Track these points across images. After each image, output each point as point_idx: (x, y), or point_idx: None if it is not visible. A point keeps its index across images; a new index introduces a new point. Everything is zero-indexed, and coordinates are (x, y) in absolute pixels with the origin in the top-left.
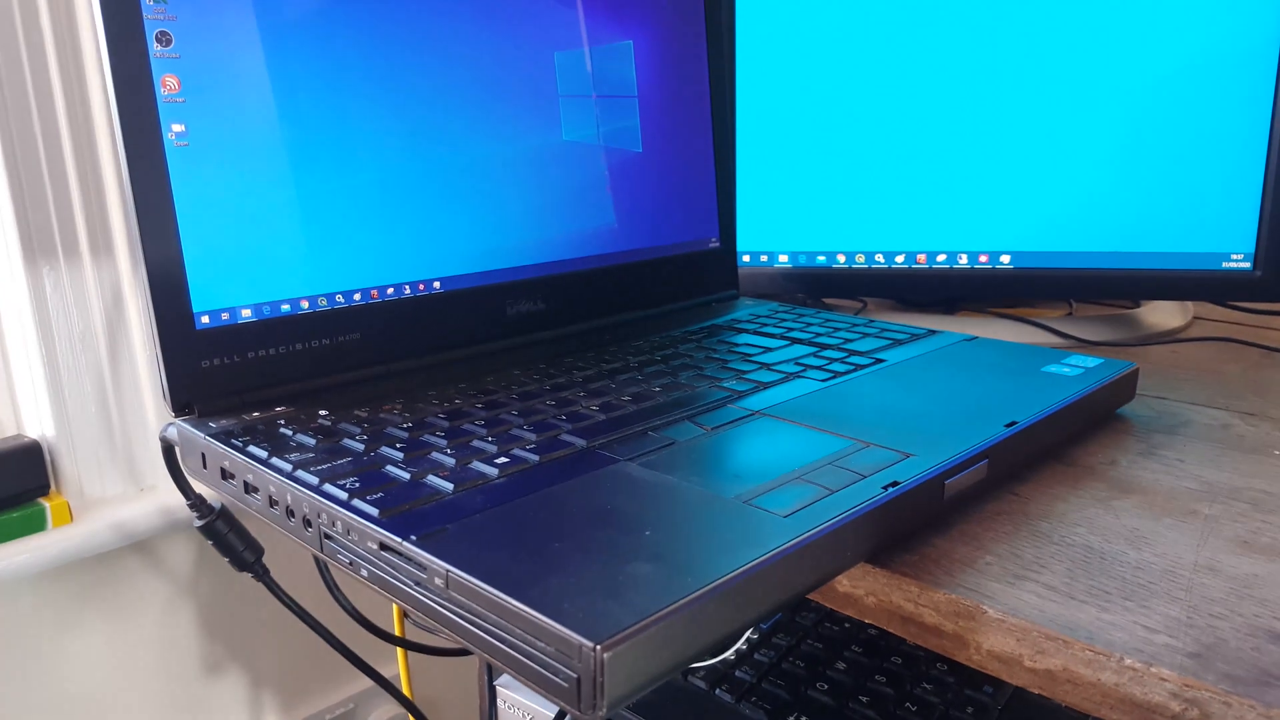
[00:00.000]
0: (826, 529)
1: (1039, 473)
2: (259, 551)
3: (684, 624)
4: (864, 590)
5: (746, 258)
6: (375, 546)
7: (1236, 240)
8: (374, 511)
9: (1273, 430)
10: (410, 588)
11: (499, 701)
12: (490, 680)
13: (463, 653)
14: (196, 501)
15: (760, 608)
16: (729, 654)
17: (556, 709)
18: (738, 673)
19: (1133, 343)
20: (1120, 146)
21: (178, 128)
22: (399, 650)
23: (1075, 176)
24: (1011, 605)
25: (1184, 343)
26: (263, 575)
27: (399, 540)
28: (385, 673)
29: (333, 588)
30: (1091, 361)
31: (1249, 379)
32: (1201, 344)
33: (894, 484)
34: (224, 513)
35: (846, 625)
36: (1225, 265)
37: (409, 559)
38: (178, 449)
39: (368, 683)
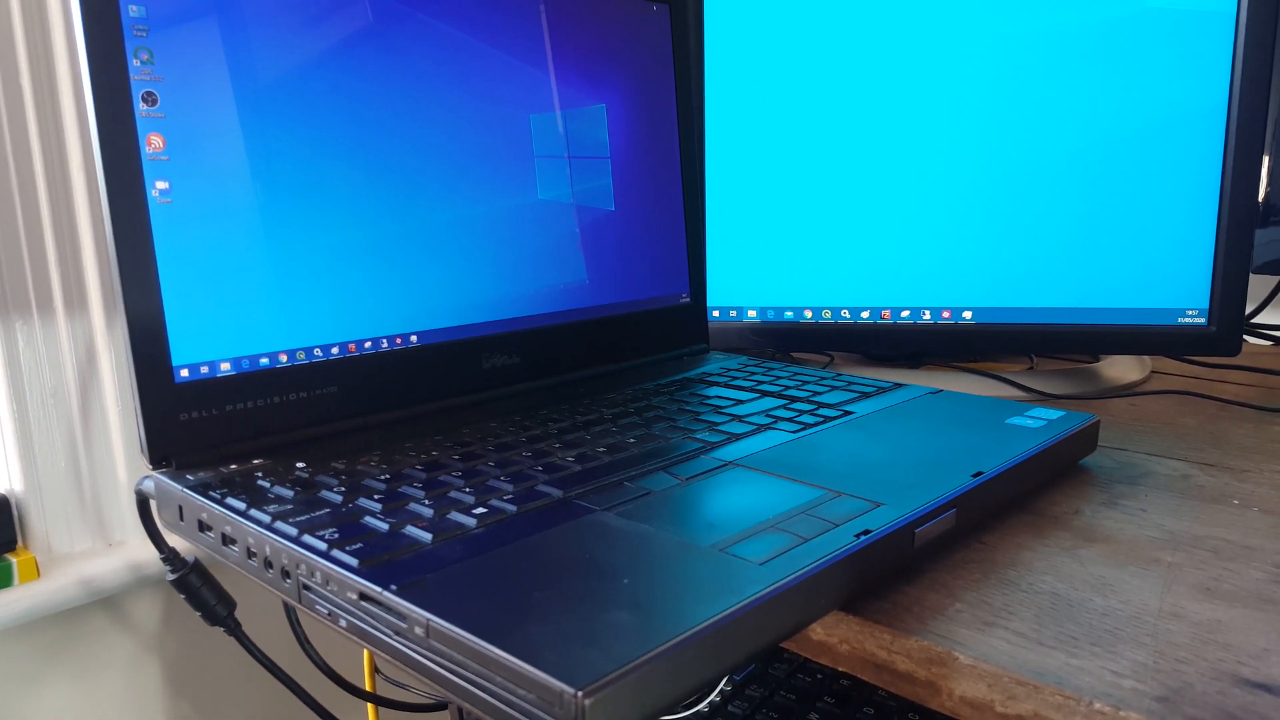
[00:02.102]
0: (801, 576)
1: (1005, 522)
2: (231, 605)
3: (663, 670)
4: (837, 638)
5: (716, 313)
6: (355, 597)
7: (1191, 296)
8: (354, 562)
9: (1231, 480)
10: (390, 638)
11: None
12: None
13: (434, 708)
14: (170, 555)
15: (738, 654)
16: (703, 706)
17: None
18: None
19: (1093, 396)
20: (1078, 206)
21: (161, 185)
22: (369, 707)
23: (1035, 235)
24: (982, 651)
25: (1143, 395)
26: (234, 630)
27: (379, 590)
28: None
29: (303, 641)
30: (1053, 414)
31: (1206, 431)
32: (1160, 397)
33: (866, 532)
34: (197, 566)
35: (819, 676)
36: (1181, 320)
37: (389, 609)
38: (153, 502)
39: None
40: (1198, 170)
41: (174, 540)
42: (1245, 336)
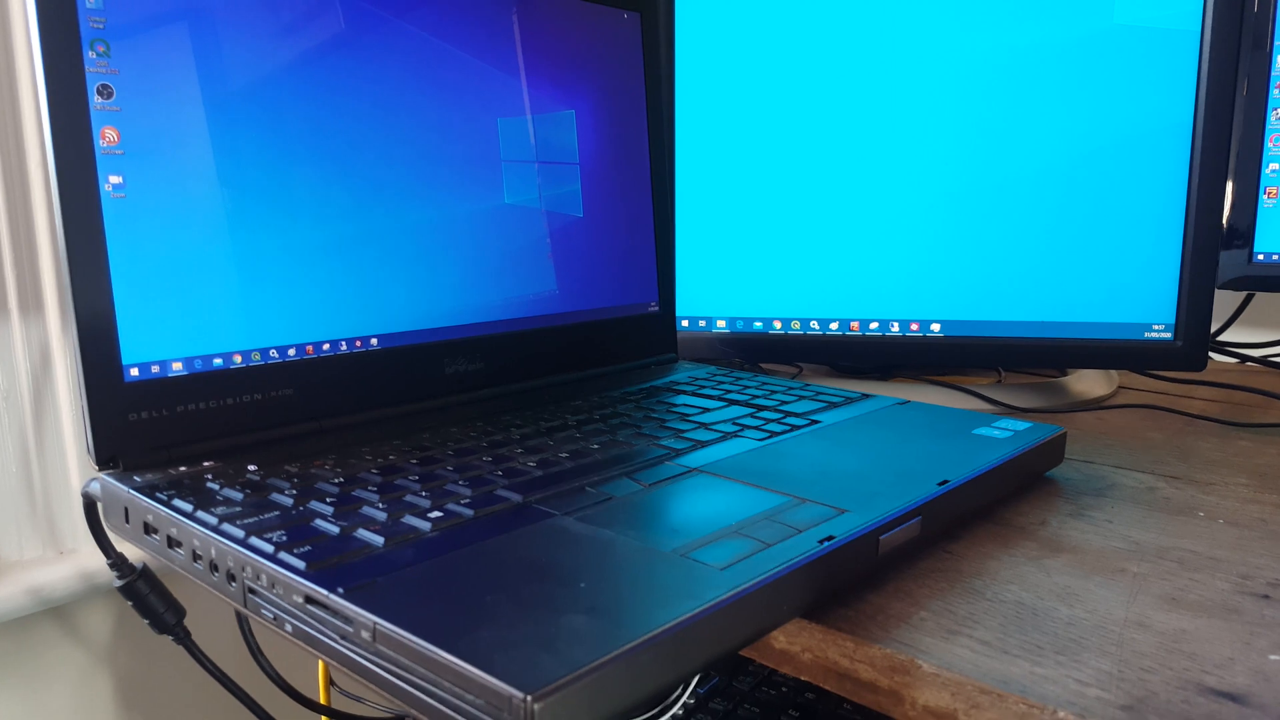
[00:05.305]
0: (763, 581)
1: (971, 531)
2: (180, 613)
3: (618, 675)
4: (800, 646)
5: (685, 322)
6: (301, 600)
7: (1157, 311)
8: (301, 564)
9: (1197, 493)
10: (336, 643)
11: None
12: None
13: None
14: (117, 560)
15: (696, 660)
16: (666, 719)
17: None
18: None
19: (1060, 409)
20: (1046, 221)
21: (115, 179)
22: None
23: (1004, 249)
24: (946, 660)
25: (1110, 410)
26: (184, 639)
27: (325, 593)
28: None
29: (256, 653)
30: (1020, 425)
31: (1172, 445)
32: (1126, 411)
33: (829, 538)
34: (145, 573)
35: (784, 689)
36: (1147, 335)
37: (335, 612)
38: (100, 505)
39: None
40: (1164, 187)
41: (121, 545)
42: (1211, 353)
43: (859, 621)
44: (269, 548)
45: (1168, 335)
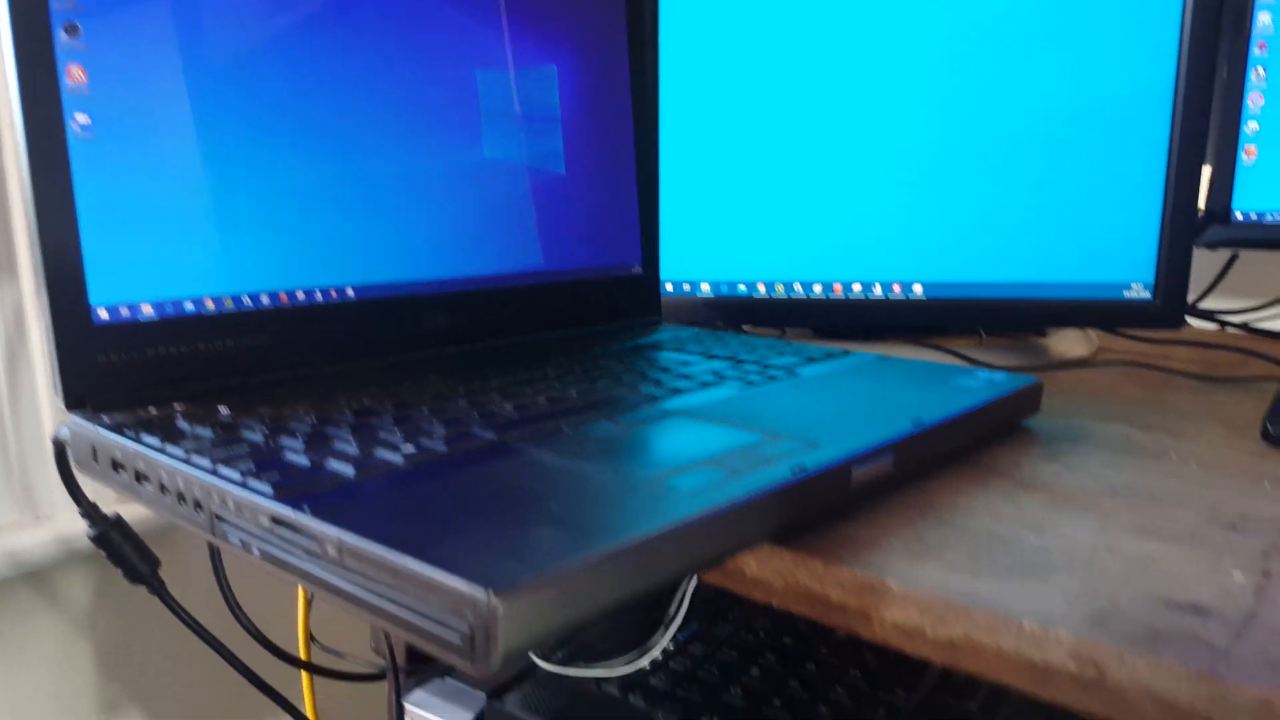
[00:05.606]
0: (731, 503)
1: (945, 473)
2: (154, 563)
3: (583, 582)
4: (771, 572)
5: (669, 286)
6: (268, 522)
7: (1137, 271)
8: (268, 489)
9: (1171, 440)
10: (304, 562)
11: (407, 719)
12: (399, 699)
13: (371, 677)
14: (90, 509)
15: (663, 574)
16: (644, 662)
17: (471, 715)
18: (652, 680)
19: (1040, 369)
20: (1027, 182)
21: (82, 119)
22: (304, 676)
23: (985, 210)
24: (914, 580)
25: (1089, 370)
26: (158, 589)
27: (291, 512)
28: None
29: (234, 607)
30: (998, 376)
31: (1150, 399)
32: (1105, 370)
33: (801, 468)
34: (119, 522)
35: (762, 635)
36: (1126, 295)
37: (302, 530)
38: (70, 449)
39: None
40: (1144, 147)
41: (91, 488)
42: (1192, 320)
43: (829, 548)
44: (237, 475)
45: (1147, 295)
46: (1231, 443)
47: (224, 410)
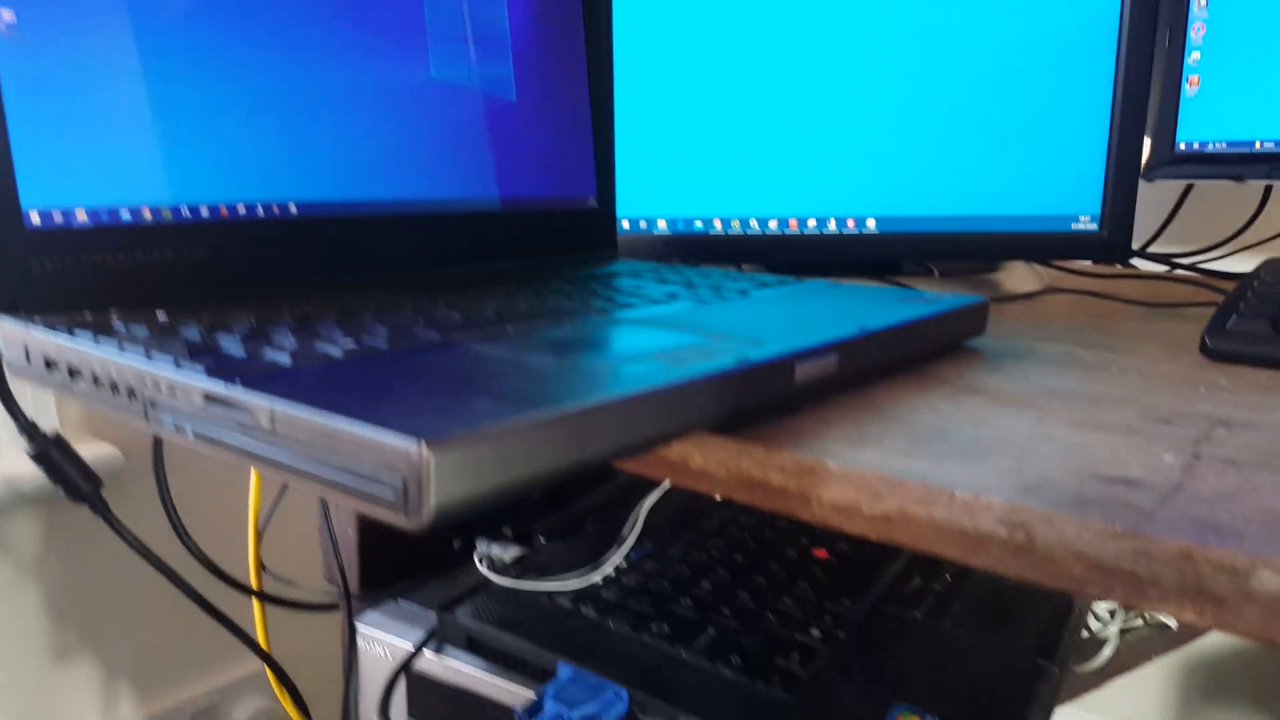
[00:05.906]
0: (670, 384)
1: (889, 380)
2: (96, 482)
3: (515, 442)
4: (715, 462)
5: (626, 224)
6: (200, 400)
7: (1084, 203)
8: (200, 368)
9: (1113, 356)
10: (237, 437)
11: (359, 640)
12: (351, 621)
13: (323, 607)
14: (27, 426)
15: (601, 446)
16: (596, 577)
17: (417, 635)
18: (604, 593)
19: (991, 301)
20: (977, 116)
21: (7, 16)
22: (256, 605)
23: (936, 145)
24: (852, 461)
25: (1038, 300)
26: (101, 509)
27: (224, 387)
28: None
29: (182, 534)
30: (946, 296)
31: (1095, 325)
32: (1054, 300)
33: (744, 359)
34: (58, 440)
35: (714, 554)
36: (1074, 227)
37: (234, 404)
38: (3, 358)
39: (232, 675)
40: (1090, 80)
41: (26, 395)
42: (1143, 264)
43: (772, 437)
44: (170, 359)
45: (1094, 226)
46: (1172, 358)
47: (161, 315)
